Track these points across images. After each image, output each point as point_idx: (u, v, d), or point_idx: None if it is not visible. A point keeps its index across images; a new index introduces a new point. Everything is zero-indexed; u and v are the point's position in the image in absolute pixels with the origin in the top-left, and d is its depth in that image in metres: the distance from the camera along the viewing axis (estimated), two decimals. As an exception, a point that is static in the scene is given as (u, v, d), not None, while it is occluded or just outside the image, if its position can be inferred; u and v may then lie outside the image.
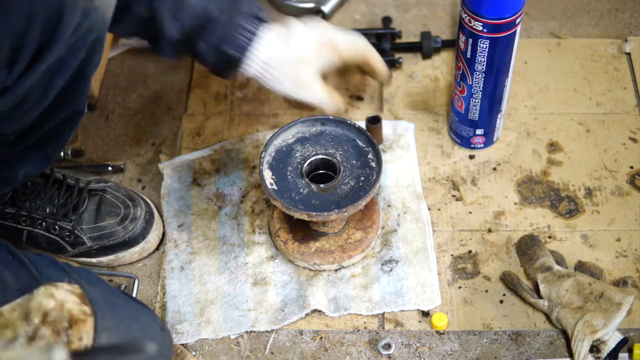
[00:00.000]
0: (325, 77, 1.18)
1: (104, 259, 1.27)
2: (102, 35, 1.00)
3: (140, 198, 1.30)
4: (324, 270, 1.26)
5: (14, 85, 0.94)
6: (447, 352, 1.19)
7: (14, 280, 1.00)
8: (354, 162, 1.22)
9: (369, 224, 1.27)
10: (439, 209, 1.33)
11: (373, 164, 1.22)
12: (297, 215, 1.17)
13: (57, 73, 0.98)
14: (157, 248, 1.31)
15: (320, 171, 1.24)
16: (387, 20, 1.57)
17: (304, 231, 1.27)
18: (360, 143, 1.24)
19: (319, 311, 1.22)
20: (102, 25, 0.98)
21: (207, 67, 1.15)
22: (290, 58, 1.13)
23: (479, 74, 1.27)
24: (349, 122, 1.24)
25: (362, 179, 1.21)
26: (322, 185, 1.20)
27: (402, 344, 1.20)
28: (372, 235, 1.27)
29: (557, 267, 1.21)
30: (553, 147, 1.40)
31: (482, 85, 1.28)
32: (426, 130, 1.43)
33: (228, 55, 1.10)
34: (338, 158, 1.22)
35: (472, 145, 1.39)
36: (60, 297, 0.97)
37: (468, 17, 1.21)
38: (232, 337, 1.21)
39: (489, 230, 1.30)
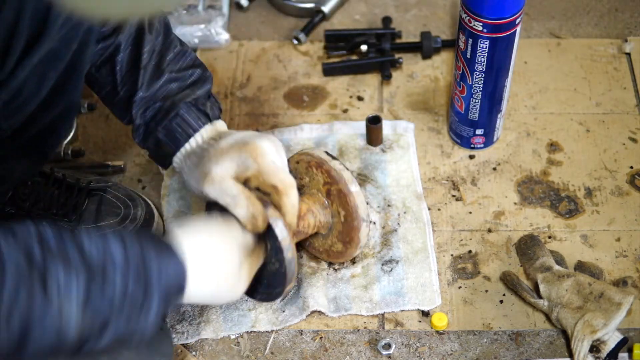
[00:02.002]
0: (246, 182, 1.06)
1: (104, 259, 1.27)
2: (94, 27, 1.00)
3: (140, 198, 1.30)
4: (323, 270, 1.26)
5: (7, 79, 0.94)
6: (447, 352, 1.19)
7: None
8: None
9: (347, 239, 1.20)
10: (439, 209, 1.33)
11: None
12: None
13: (50, 65, 0.98)
14: (157, 248, 1.30)
15: None
16: (387, 20, 1.57)
17: None
18: None
19: (319, 311, 1.22)
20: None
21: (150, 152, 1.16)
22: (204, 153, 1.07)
23: (479, 74, 1.27)
24: None
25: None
26: None
27: (402, 344, 1.20)
28: (352, 251, 1.21)
29: (557, 267, 1.21)
30: (553, 147, 1.40)
31: (482, 85, 1.28)
32: (426, 130, 1.43)
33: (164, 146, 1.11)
34: None
35: (472, 145, 1.39)
36: None
37: (468, 17, 1.21)
38: (232, 337, 1.21)
39: (489, 230, 1.30)
